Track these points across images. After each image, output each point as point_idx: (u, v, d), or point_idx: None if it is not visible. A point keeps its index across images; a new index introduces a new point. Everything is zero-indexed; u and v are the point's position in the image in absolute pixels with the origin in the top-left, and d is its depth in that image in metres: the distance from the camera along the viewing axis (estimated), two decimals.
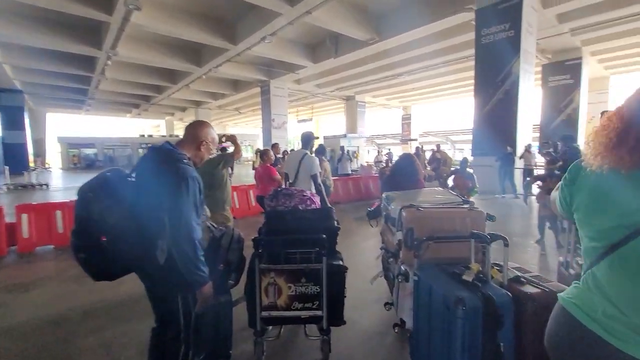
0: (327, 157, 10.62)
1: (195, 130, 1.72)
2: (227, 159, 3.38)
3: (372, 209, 3.12)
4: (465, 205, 2.02)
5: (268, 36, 11.29)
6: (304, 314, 1.90)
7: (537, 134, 15.10)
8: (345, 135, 22.53)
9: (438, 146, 10.65)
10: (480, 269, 1.61)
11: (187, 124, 1.94)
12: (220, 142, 3.84)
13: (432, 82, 19.70)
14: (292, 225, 1.94)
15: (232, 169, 7.78)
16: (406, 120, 29.85)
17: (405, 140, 30.01)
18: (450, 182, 5.48)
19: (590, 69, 16.07)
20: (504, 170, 9.19)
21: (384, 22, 11.94)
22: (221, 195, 3.41)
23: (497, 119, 9.95)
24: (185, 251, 1.45)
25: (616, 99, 20.51)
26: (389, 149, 27.66)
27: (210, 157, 3.52)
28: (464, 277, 1.57)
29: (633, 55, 15.51)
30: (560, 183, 1.03)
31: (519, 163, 9.46)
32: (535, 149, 10.74)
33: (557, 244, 4.53)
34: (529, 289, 1.47)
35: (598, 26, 11.54)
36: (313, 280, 1.89)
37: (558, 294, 0.96)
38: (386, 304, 2.21)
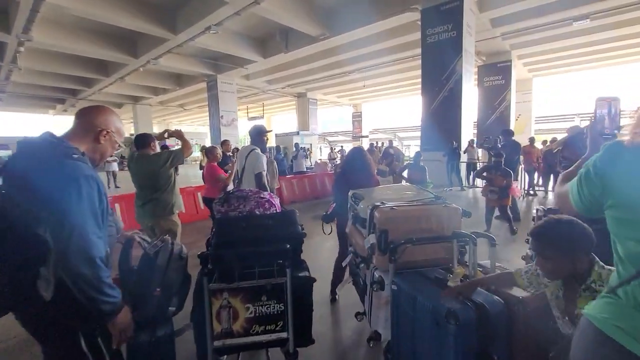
0: (280, 156, 10.29)
1: (90, 116, 1.30)
2: (175, 156, 2.91)
3: (329, 212, 2.90)
4: (439, 202, 1.87)
5: (213, 26, 10.54)
6: (266, 338, 1.60)
7: (475, 131, 16.32)
8: (298, 133, 22.28)
9: (390, 142, 10.88)
10: (466, 273, 1.46)
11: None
12: (163, 138, 3.33)
13: (382, 80, 20.25)
14: (249, 234, 1.62)
15: (177, 169, 7.08)
16: (357, 117, 30.50)
17: (357, 137, 30.68)
18: (405, 175, 5.52)
19: (517, 71, 17.72)
20: (451, 164, 9.67)
21: (334, 18, 11.86)
22: (169, 198, 2.95)
23: (443, 116, 10.43)
24: (81, 274, 1.08)
25: (538, 99, 23.08)
26: (342, 146, 28.05)
27: (154, 153, 3.04)
28: (450, 283, 1.40)
29: (552, 59, 17.40)
30: (579, 174, 0.87)
31: (464, 157, 10.03)
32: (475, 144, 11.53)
33: (511, 231, 4.77)
34: (518, 292, 1.34)
35: (523, 32, 12.68)
36: (276, 298, 1.60)
37: (588, 313, 0.78)
38: (357, 314, 2.00)
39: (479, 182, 9.76)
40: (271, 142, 30.25)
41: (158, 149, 3.05)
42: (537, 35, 13.35)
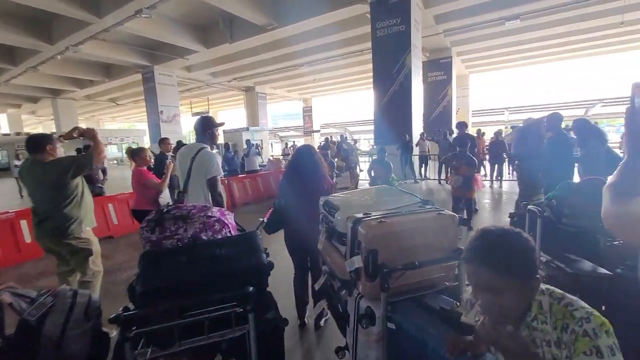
0: (230, 155, 9.52)
1: None
2: (80, 163, 2.26)
3: (266, 218, 2.48)
4: (431, 208, 1.57)
5: (145, 10, 9.34)
6: None
7: (422, 124, 17.01)
8: (247, 129, 21.34)
9: (344, 137, 10.71)
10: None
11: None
12: (71, 138, 2.61)
13: (333, 74, 20.09)
14: (193, 272, 1.15)
15: (104, 173, 6.07)
16: (307, 112, 30.20)
17: (308, 132, 30.44)
18: (372, 173, 5.31)
19: (456, 67, 18.79)
20: (405, 157, 9.80)
21: (282, 7, 11.30)
22: (73, 214, 2.30)
23: (395, 110, 10.52)
24: None
25: (474, 94, 24.91)
26: (294, 142, 27.57)
27: (53, 159, 2.34)
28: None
29: (486, 57, 18.73)
30: None
31: (416, 150, 10.23)
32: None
33: (469, 227, 4.69)
34: None
35: (462, 30, 13.33)
36: (235, 354, 1.17)
37: None
38: (338, 349, 1.64)
39: (433, 174, 10.09)
40: (219, 139, 28.78)
41: (61, 153, 2.35)
42: (473, 34, 14.15)
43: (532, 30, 13.51)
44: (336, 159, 8.07)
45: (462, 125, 6.24)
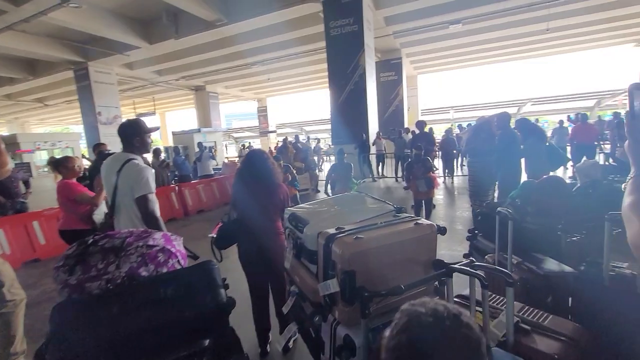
0: (180, 159, 8.81)
1: None
2: None
3: (215, 234, 2.19)
4: (406, 217, 1.45)
5: None
6: None
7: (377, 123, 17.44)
8: (199, 130, 20.27)
9: (297, 137, 10.52)
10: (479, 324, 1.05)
11: None
12: None
13: (287, 73, 19.79)
14: (128, 326, 0.88)
15: (27, 185, 5.23)
16: (262, 112, 29.54)
17: (264, 132, 29.81)
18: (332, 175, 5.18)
19: (406, 68, 19.57)
20: (363, 156, 9.89)
21: (232, 3, 10.80)
22: None
23: (351, 109, 10.58)
24: None
25: (422, 94, 26.21)
26: (249, 142, 26.79)
27: None
28: None
29: (432, 59, 19.75)
30: None
31: (373, 149, 10.39)
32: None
33: None
34: (544, 343, 1.01)
35: (410, 32, 13.87)
36: None
37: None
38: None
39: (390, 172, 10.30)
40: (168, 142, 26.88)
41: None
42: (420, 36, 14.79)
43: (472, 34, 14.47)
44: (295, 162, 7.85)
45: (421, 124, 6.42)
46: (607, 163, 7.12)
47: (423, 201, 4.80)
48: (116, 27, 11.52)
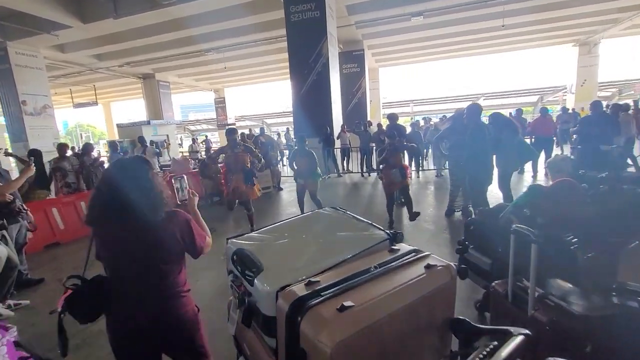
0: (117, 156, 7.57)
1: None
2: None
3: (61, 307, 1.32)
4: (409, 254, 0.97)
5: None
6: None
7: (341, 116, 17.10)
8: (148, 122, 18.58)
9: (262, 130, 9.80)
10: None
11: None
12: None
13: (246, 62, 18.69)
14: None
15: None
16: (220, 104, 27.96)
17: (222, 125, 28.30)
18: (294, 166, 4.68)
19: (368, 60, 19.40)
20: (327, 150, 9.44)
21: None
22: None
23: (314, 101, 10.06)
24: None
25: (383, 87, 26.43)
26: (206, 136, 25.24)
27: None
28: None
29: (394, 51, 19.77)
30: None
31: (337, 143, 9.97)
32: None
33: (410, 216, 4.57)
34: None
35: (371, 23, 13.59)
36: None
37: None
38: None
39: (355, 167, 9.93)
40: (115, 135, 24.39)
41: None
42: (382, 27, 14.59)
43: (433, 27, 14.56)
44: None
45: (393, 117, 6.12)
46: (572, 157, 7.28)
47: (398, 192, 4.53)
48: (43, 2, 9.85)
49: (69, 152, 6.53)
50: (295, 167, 4.72)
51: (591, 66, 19.64)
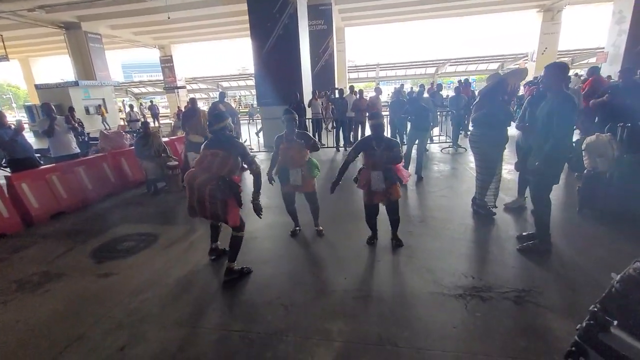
0: (6, 130, 5.11)
1: None
2: None
3: None
4: None
5: None
6: None
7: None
8: (77, 83, 15.58)
9: (222, 95, 8.01)
10: None
11: None
12: None
13: (196, 13, 15.89)
14: None
15: None
16: (167, 63, 24.55)
17: (170, 88, 25.14)
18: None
19: (335, 18, 17.56)
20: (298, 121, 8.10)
21: None
22: None
23: (280, 60, 8.49)
24: None
25: (349, 47, 24.78)
26: (151, 100, 22.16)
27: None
28: None
29: (361, 9, 18.04)
30: None
31: (308, 112, 8.62)
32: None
33: (396, 243, 3.31)
34: None
35: None
36: None
37: None
38: None
39: (329, 140, 8.68)
40: (36, 99, 20.35)
41: None
42: None
43: None
44: (193, 136, 5.53)
45: (377, 90, 4.92)
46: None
47: (383, 207, 3.09)
48: None
49: None
50: (280, 158, 3.26)
51: (553, 34, 19.63)
